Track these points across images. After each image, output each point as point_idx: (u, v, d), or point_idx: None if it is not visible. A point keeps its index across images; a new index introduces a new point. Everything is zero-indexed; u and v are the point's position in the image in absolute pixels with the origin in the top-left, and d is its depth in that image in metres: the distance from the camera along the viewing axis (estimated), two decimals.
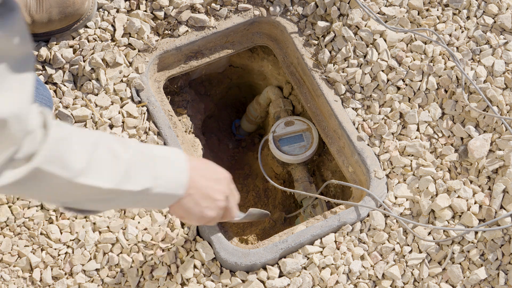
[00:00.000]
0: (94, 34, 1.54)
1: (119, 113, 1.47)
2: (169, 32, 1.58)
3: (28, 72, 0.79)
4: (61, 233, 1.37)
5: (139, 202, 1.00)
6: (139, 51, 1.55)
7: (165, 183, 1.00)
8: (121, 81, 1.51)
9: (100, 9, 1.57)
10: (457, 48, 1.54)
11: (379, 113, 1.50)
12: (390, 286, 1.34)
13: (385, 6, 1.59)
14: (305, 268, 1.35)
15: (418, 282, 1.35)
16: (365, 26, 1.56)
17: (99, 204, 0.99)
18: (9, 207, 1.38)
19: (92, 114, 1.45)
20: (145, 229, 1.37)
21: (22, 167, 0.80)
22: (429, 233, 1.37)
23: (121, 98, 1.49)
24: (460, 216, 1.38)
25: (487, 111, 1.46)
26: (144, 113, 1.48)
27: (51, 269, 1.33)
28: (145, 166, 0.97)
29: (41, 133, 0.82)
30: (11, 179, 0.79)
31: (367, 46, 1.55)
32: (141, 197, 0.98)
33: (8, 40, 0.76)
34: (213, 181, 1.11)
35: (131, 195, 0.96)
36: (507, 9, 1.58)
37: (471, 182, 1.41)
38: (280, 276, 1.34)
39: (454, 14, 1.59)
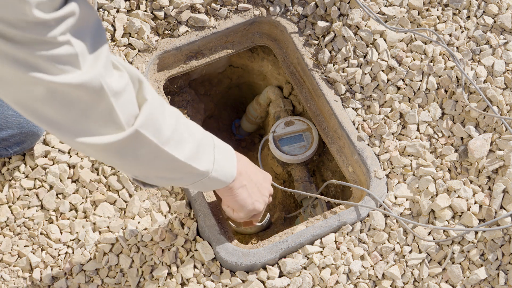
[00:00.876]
0: None
1: None
2: (169, 32, 1.58)
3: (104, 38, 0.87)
4: (61, 233, 1.37)
5: (196, 183, 1.08)
6: (139, 51, 1.55)
7: (221, 170, 1.09)
8: None
9: (100, 9, 1.57)
10: (457, 48, 1.54)
11: (379, 113, 1.50)
12: (390, 286, 1.34)
13: (385, 6, 1.59)
14: (305, 268, 1.35)
15: (418, 282, 1.35)
16: (365, 26, 1.56)
17: (165, 181, 1.09)
18: (9, 207, 1.38)
19: None
20: (145, 229, 1.37)
21: (124, 131, 0.89)
22: (429, 233, 1.37)
23: None
24: (460, 216, 1.38)
25: (487, 111, 1.46)
26: None
27: (51, 269, 1.33)
28: (209, 149, 1.07)
29: (141, 99, 0.91)
30: (115, 139, 0.88)
31: (367, 46, 1.55)
32: (200, 177, 1.06)
33: (92, 11, 0.83)
34: (261, 178, 1.24)
35: (194, 174, 1.05)
36: (507, 9, 1.58)
37: (471, 182, 1.41)
38: (280, 276, 1.34)
39: (454, 14, 1.59)
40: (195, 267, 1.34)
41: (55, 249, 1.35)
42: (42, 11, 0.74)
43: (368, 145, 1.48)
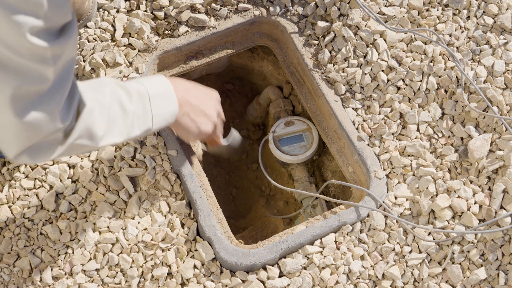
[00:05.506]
0: (94, 34, 1.54)
1: None
2: (169, 32, 1.58)
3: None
4: (61, 233, 1.37)
5: (142, 135, 1.19)
6: (139, 51, 1.55)
7: (161, 118, 1.19)
8: (121, 81, 1.50)
9: (100, 9, 1.57)
10: (457, 48, 1.54)
11: (379, 113, 1.50)
12: (390, 286, 1.34)
13: (385, 6, 1.59)
14: (305, 268, 1.35)
15: (418, 282, 1.35)
16: (365, 26, 1.56)
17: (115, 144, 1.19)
18: (9, 207, 1.38)
19: None
20: (145, 229, 1.37)
21: (63, 145, 0.99)
22: (429, 233, 1.37)
23: None
24: (460, 216, 1.38)
25: (487, 111, 1.46)
26: None
27: (51, 269, 1.33)
28: (145, 110, 1.15)
29: (75, 116, 0.99)
30: (56, 155, 1.00)
31: (367, 46, 1.55)
32: (143, 135, 1.18)
33: (73, 49, 0.91)
34: (204, 98, 1.29)
35: (137, 137, 1.17)
36: (507, 9, 1.58)
37: (471, 182, 1.41)
38: (280, 276, 1.34)
39: (454, 14, 1.59)
40: (195, 267, 1.34)
41: (55, 249, 1.35)
42: (41, 38, 0.82)
43: (368, 145, 1.48)
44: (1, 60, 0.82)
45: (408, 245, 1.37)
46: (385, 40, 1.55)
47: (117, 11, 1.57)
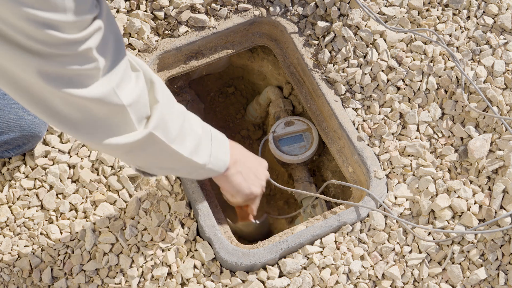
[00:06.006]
0: None
1: None
2: (169, 32, 1.58)
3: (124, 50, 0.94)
4: (61, 233, 1.37)
5: (192, 173, 1.17)
6: (139, 51, 1.55)
7: (216, 161, 1.16)
8: None
9: None
10: (457, 48, 1.54)
11: (379, 113, 1.50)
12: (390, 286, 1.34)
13: (385, 6, 1.59)
14: (305, 268, 1.35)
15: (418, 282, 1.35)
16: (365, 26, 1.56)
17: (166, 171, 1.21)
18: (9, 207, 1.38)
19: None
20: (145, 229, 1.37)
21: (141, 131, 0.98)
22: (429, 233, 1.37)
23: None
24: (460, 216, 1.38)
25: (487, 111, 1.46)
26: None
27: (51, 269, 1.33)
28: (207, 143, 1.14)
29: (153, 100, 0.99)
30: (131, 139, 0.97)
31: (367, 46, 1.55)
32: (198, 169, 1.14)
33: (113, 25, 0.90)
34: (257, 163, 1.31)
35: (193, 166, 1.12)
36: (507, 9, 1.58)
37: (471, 182, 1.41)
38: (280, 276, 1.34)
39: (454, 14, 1.59)
40: (195, 267, 1.34)
41: (55, 249, 1.35)
42: (72, 33, 0.80)
43: (368, 145, 1.48)
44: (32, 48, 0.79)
45: (408, 245, 1.37)
46: (385, 40, 1.55)
47: (117, 11, 1.57)
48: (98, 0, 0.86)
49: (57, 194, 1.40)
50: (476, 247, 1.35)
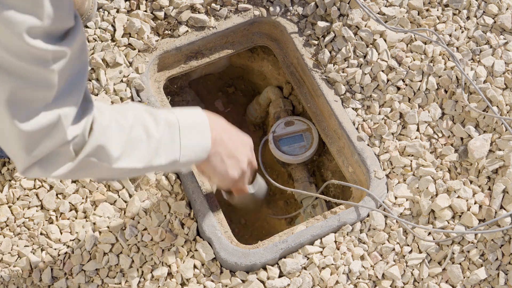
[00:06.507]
0: (94, 34, 1.54)
1: None
2: (169, 32, 1.58)
3: (84, 81, 0.92)
4: (61, 233, 1.37)
5: (167, 170, 1.12)
6: (139, 51, 1.55)
7: (190, 152, 1.10)
8: (121, 81, 1.51)
9: (100, 9, 1.57)
10: (457, 48, 1.54)
11: (379, 113, 1.50)
12: (390, 286, 1.34)
13: (385, 6, 1.59)
14: (305, 268, 1.35)
15: (418, 282, 1.35)
16: (365, 26, 1.56)
17: (131, 175, 1.14)
18: (9, 207, 1.38)
19: None
20: (145, 229, 1.37)
21: (73, 161, 0.94)
22: (429, 233, 1.37)
23: (121, 98, 1.49)
24: (460, 216, 1.38)
25: (487, 111, 1.46)
26: None
27: (51, 269, 1.33)
28: (173, 140, 1.07)
29: (87, 132, 0.94)
30: (66, 170, 0.94)
31: (367, 46, 1.55)
32: (168, 167, 1.09)
33: (74, 54, 0.86)
34: (238, 143, 1.20)
35: (159, 167, 1.08)
36: (507, 9, 1.58)
37: (471, 182, 1.41)
38: (280, 276, 1.34)
39: (454, 14, 1.59)
40: (195, 267, 1.34)
41: (55, 249, 1.35)
42: (46, 42, 0.79)
43: (368, 145, 1.48)
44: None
45: (408, 245, 1.37)
46: (385, 40, 1.55)
47: (117, 11, 1.57)
48: (75, 18, 0.85)
49: (57, 194, 1.40)
50: (476, 247, 1.35)
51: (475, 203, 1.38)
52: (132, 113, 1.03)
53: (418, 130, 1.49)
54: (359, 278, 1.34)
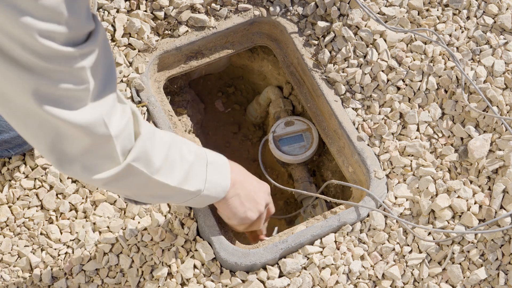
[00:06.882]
0: None
1: None
2: (169, 32, 1.58)
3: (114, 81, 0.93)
4: (61, 233, 1.37)
5: (188, 201, 1.14)
6: (139, 51, 1.55)
7: (212, 187, 1.14)
8: (121, 81, 1.51)
9: (100, 9, 1.57)
10: (457, 48, 1.54)
11: (379, 113, 1.50)
12: (390, 286, 1.34)
13: (385, 6, 1.59)
14: (305, 268, 1.35)
15: (418, 282, 1.35)
16: (365, 26, 1.56)
17: (157, 200, 1.15)
18: (9, 207, 1.38)
19: None
20: (145, 229, 1.37)
21: (120, 165, 0.95)
22: (429, 233, 1.37)
23: None
24: (460, 216, 1.38)
25: (487, 111, 1.46)
26: (144, 113, 1.48)
27: (51, 269, 1.33)
28: (201, 170, 1.11)
29: (136, 133, 0.97)
30: (111, 173, 0.95)
31: (367, 46, 1.55)
32: (192, 196, 1.12)
33: (100, 55, 0.86)
34: (257, 186, 1.26)
35: (186, 194, 1.11)
36: (507, 9, 1.58)
37: (471, 182, 1.41)
38: (280, 276, 1.34)
39: (454, 14, 1.59)
40: (195, 267, 1.34)
41: (55, 249, 1.35)
42: (67, 46, 0.79)
43: (368, 145, 1.48)
44: (25, 62, 0.78)
45: (408, 245, 1.37)
46: (385, 40, 1.55)
47: (117, 11, 1.57)
48: (94, 18, 0.85)
49: (57, 194, 1.40)
50: (476, 247, 1.35)
51: (475, 203, 1.38)
52: (169, 134, 1.07)
53: (418, 130, 1.49)
54: (359, 278, 1.35)
